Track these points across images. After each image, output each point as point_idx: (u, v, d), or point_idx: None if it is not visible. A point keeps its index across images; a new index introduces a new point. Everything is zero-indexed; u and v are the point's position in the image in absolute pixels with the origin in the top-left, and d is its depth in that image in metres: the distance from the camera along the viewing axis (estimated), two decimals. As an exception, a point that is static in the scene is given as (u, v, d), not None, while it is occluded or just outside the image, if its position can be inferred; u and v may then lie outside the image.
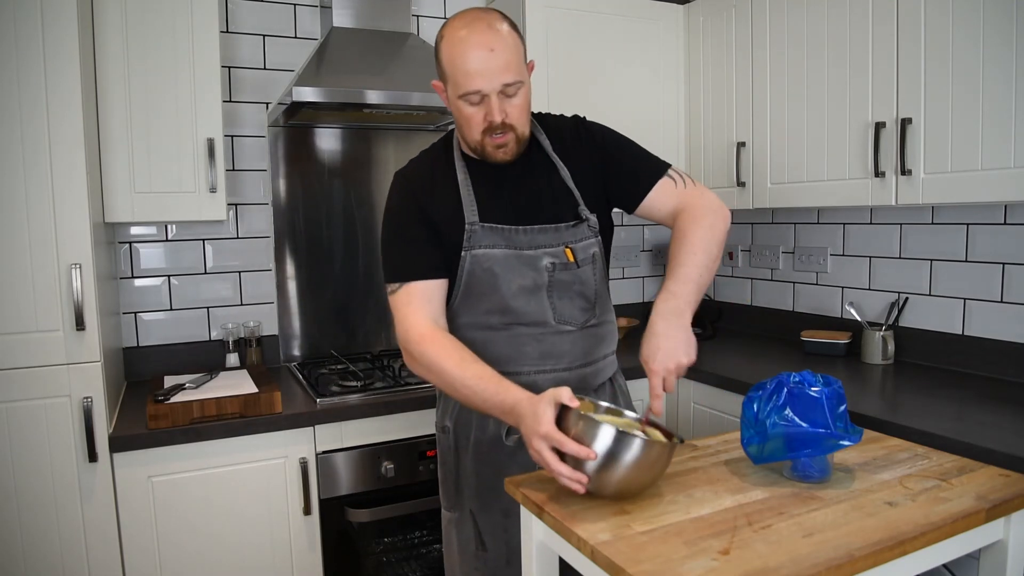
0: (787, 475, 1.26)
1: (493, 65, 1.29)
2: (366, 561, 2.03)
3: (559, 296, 1.44)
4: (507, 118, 1.33)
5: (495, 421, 1.45)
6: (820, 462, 1.25)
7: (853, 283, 2.40)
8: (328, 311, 2.50)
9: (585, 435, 1.12)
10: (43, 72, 1.61)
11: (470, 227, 1.40)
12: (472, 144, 1.39)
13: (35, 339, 1.65)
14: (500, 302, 1.41)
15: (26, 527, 1.67)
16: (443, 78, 1.37)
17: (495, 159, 1.39)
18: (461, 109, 1.35)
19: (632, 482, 1.15)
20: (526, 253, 1.42)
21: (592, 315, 1.49)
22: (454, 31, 1.32)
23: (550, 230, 1.44)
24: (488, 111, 1.32)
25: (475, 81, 1.30)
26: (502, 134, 1.35)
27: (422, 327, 1.36)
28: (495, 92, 1.31)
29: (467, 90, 1.31)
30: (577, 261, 1.45)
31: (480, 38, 1.29)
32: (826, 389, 1.25)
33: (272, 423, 1.84)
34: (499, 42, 1.30)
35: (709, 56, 2.52)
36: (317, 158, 2.46)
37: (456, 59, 1.30)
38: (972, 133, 1.70)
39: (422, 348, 1.33)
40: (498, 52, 1.29)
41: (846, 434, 1.22)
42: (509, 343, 1.44)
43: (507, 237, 1.41)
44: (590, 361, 1.50)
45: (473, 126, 1.35)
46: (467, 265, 1.41)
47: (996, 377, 1.98)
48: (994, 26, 1.64)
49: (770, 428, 1.24)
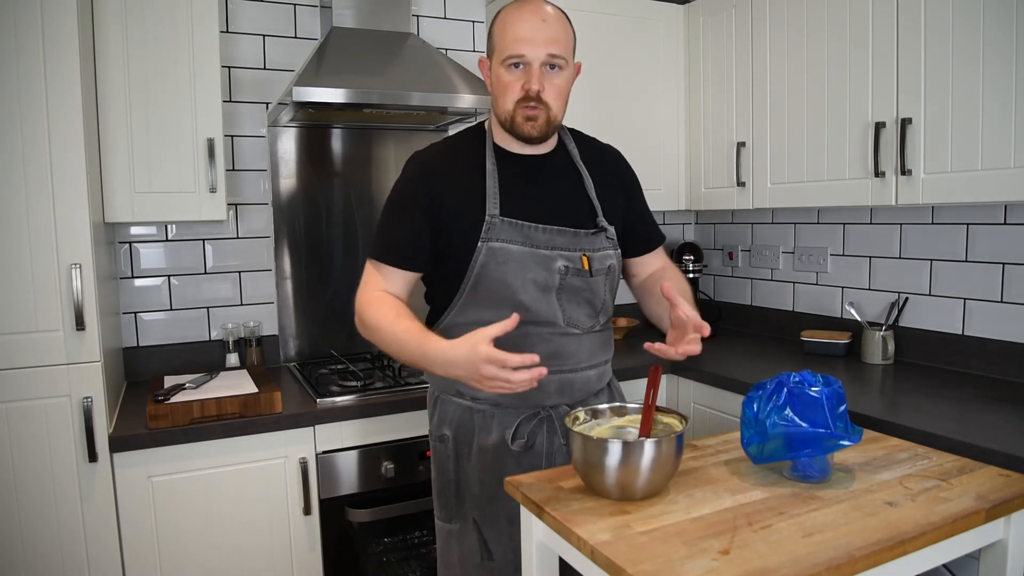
0: (787, 475, 1.27)
1: (542, 35, 1.35)
2: (366, 561, 2.03)
3: (568, 300, 1.44)
4: (543, 92, 1.37)
5: (499, 427, 1.45)
6: (820, 462, 1.25)
7: (853, 283, 2.40)
8: (328, 311, 2.50)
9: (596, 453, 1.17)
10: (43, 72, 1.61)
11: (490, 219, 1.40)
12: (503, 115, 1.40)
13: (35, 339, 1.65)
14: (512, 298, 1.40)
15: (26, 527, 1.67)
16: (490, 51, 1.42)
17: (523, 132, 1.40)
18: (500, 76, 1.38)
19: (655, 480, 1.18)
20: (541, 252, 1.41)
21: (597, 322, 1.50)
22: (513, 6, 1.38)
23: (568, 233, 1.44)
24: (528, 79, 1.36)
25: (521, 46, 1.34)
26: (535, 107, 1.37)
27: (374, 293, 1.42)
28: (538, 61, 1.35)
29: (511, 53, 1.35)
30: (591, 270, 1.45)
31: (535, 9, 1.37)
32: (826, 389, 1.25)
33: (272, 423, 1.84)
34: (553, 17, 1.37)
35: (709, 56, 2.52)
36: (317, 158, 2.46)
37: (508, 25, 1.36)
38: (972, 133, 1.70)
39: (368, 308, 1.39)
40: (550, 24, 1.36)
41: (846, 434, 1.22)
42: (517, 343, 1.41)
43: (525, 233, 1.41)
44: (594, 364, 1.51)
45: (509, 94, 1.38)
46: (481, 257, 1.40)
47: (996, 377, 1.98)
48: (994, 26, 1.64)
49: (770, 428, 1.24)
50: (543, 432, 1.47)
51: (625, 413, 1.33)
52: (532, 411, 1.46)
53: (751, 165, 2.36)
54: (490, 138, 1.47)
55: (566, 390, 1.47)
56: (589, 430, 1.28)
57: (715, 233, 2.99)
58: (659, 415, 1.29)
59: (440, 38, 2.61)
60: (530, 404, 1.45)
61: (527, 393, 1.35)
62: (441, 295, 1.47)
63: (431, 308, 1.53)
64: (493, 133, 1.48)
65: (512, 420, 1.45)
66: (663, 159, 2.63)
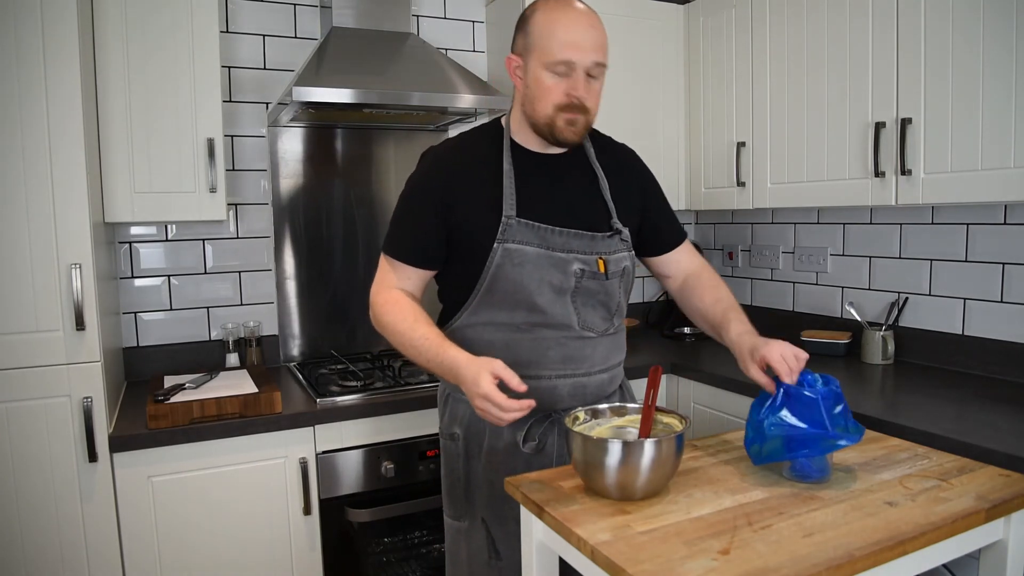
0: (786, 475, 1.27)
1: (591, 41, 1.33)
2: (366, 561, 2.03)
3: (583, 303, 1.44)
4: (586, 100, 1.36)
5: (510, 428, 1.44)
6: (819, 462, 1.25)
7: (853, 283, 2.40)
8: (328, 311, 2.50)
9: (596, 454, 1.17)
10: (43, 72, 1.61)
11: (507, 220, 1.39)
12: (542, 118, 1.38)
13: (35, 339, 1.65)
14: (527, 300, 1.40)
15: (26, 527, 1.67)
16: (527, 49, 1.37)
17: (563, 136, 1.39)
18: (542, 80, 1.35)
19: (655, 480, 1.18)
20: (557, 255, 1.41)
21: (611, 324, 1.49)
22: (553, 6, 1.36)
23: (585, 237, 1.43)
24: (573, 85, 1.34)
25: (571, 51, 1.32)
26: (576, 112, 1.36)
27: (390, 292, 1.43)
28: (585, 68, 1.34)
29: (560, 58, 1.32)
30: (607, 273, 1.44)
31: (583, 14, 1.35)
32: (823, 389, 1.25)
33: (272, 423, 1.84)
34: (599, 24, 1.37)
35: (709, 56, 2.52)
36: (317, 158, 2.46)
37: (557, 27, 1.33)
38: (972, 133, 1.70)
39: (385, 308, 1.41)
40: (598, 31, 1.35)
41: (845, 433, 1.22)
42: (533, 347, 1.42)
43: (541, 236, 1.40)
44: (607, 367, 1.50)
45: (551, 99, 1.36)
46: (497, 258, 1.39)
47: (996, 377, 1.98)
48: (994, 26, 1.64)
49: (767, 429, 1.24)
50: (554, 435, 1.46)
51: (625, 413, 1.33)
52: (544, 414, 1.46)
53: (751, 165, 2.36)
54: (507, 136, 1.46)
55: (579, 394, 1.46)
56: (589, 430, 1.28)
57: (715, 233, 2.99)
58: (659, 415, 1.29)
59: (440, 38, 2.61)
60: (542, 407, 1.44)
61: (540, 397, 1.35)
62: (455, 294, 1.47)
63: (444, 307, 1.52)
64: (511, 130, 1.46)
65: (523, 422, 1.44)
66: (663, 159, 2.63)
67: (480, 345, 1.40)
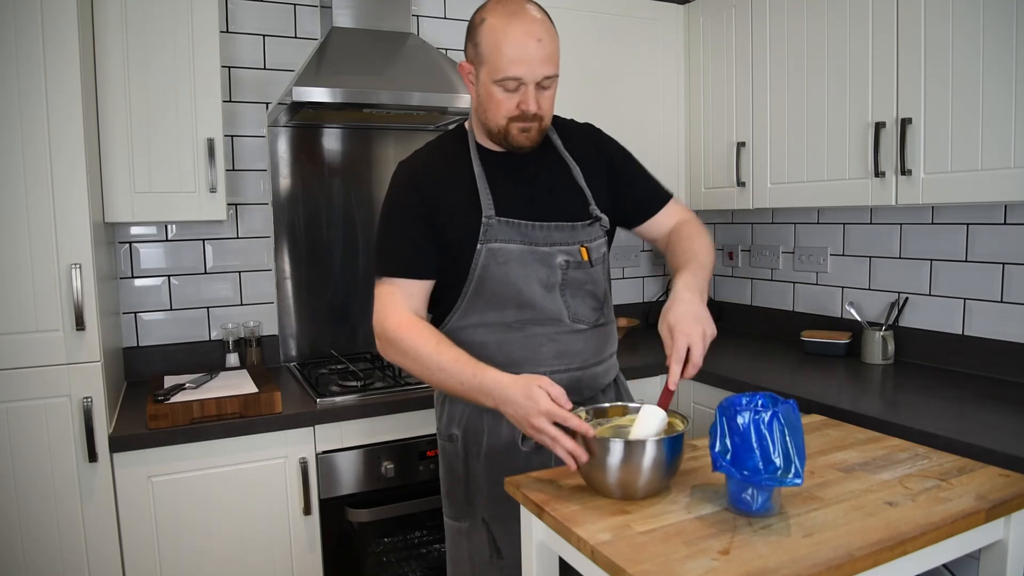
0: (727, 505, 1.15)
1: (539, 55, 1.31)
2: (366, 561, 2.03)
3: (572, 295, 1.44)
4: (539, 109, 1.35)
5: (508, 428, 1.43)
6: (761, 496, 1.11)
7: (853, 283, 2.40)
8: (328, 311, 2.50)
9: (596, 452, 1.16)
10: (43, 72, 1.61)
11: (487, 220, 1.39)
12: (495, 128, 1.38)
13: (35, 339, 1.65)
14: (517, 297, 1.40)
15: (26, 527, 1.67)
16: (477, 59, 1.36)
17: (517, 143, 1.38)
18: (493, 93, 1.35)
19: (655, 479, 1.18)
20: (541, 249, 1.41)
21: (601, 314, 1.50)
22: (500, 16, 1.31)
23: (566, 228, 1.44)
24: (524, 99, 1.33)
25: (518, 68, 1.30)
26: (529, 121, 1.36)
27: (401, 315, 1.38)
28: (534, 82, 1.32)
29: (508, 75, 1.31)
30: (591, 260, 1.45)
31: (529, 27, 1.30)
32: (755, 418, 1.08)
33: (272, 423, 1.84)
34: (546, 33, 1.32)
35: (709, 56, 2.52)
36: (317, 158, 2.46)
37: (502, 43, 1.30)
38: (972, 133, 1.70)
39: (400, 333, 1.36)
40: (544, 43, 1.31)
41: (774, 477, 1.05)
42: (525, 344, 1.42)
43: (523, 232, 1.41)
44: (600, 360, 1.50)
45: (502, 112, 1.35)
46: (481, 259, 1.39)
47: (996, 377, 1.98)
48: (994, 26, 1.64)
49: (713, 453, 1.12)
50: None
51: (626, 412, 1.33)
52: None
53: (751, 165, 2.36)
54: (472, 139, 1.46)
55: (575, 388, 1.46)
56: None
57: (715, 233, 2.99)
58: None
59: (440, 38, 2.61)
60: None
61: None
62: (443, 300, 1.46)
63: (433, 313, 1.52)
64: (475, 134, 1.47)
65: None
66: (663, 159, 2.63)
67: (473, 347, 1.40)
